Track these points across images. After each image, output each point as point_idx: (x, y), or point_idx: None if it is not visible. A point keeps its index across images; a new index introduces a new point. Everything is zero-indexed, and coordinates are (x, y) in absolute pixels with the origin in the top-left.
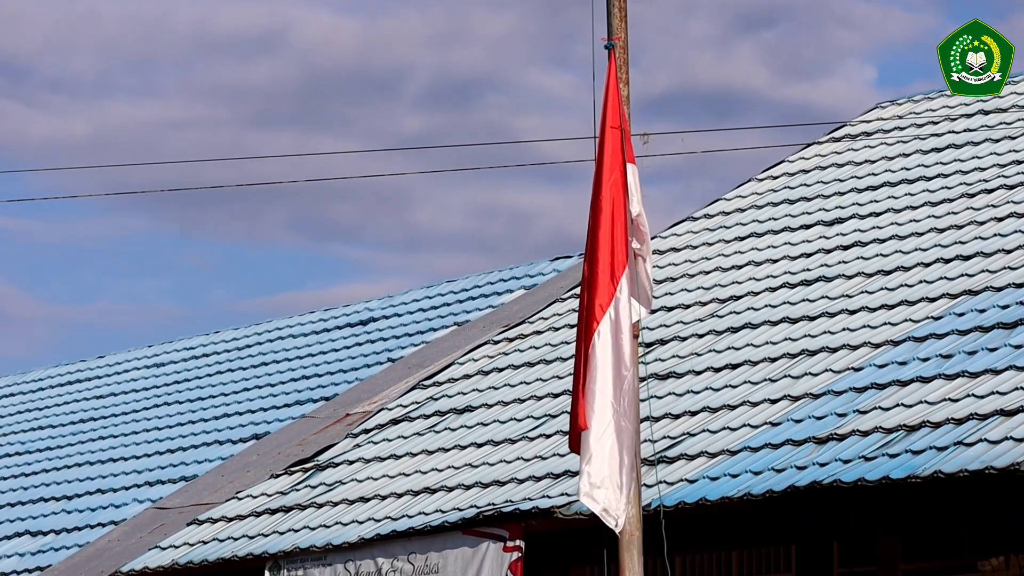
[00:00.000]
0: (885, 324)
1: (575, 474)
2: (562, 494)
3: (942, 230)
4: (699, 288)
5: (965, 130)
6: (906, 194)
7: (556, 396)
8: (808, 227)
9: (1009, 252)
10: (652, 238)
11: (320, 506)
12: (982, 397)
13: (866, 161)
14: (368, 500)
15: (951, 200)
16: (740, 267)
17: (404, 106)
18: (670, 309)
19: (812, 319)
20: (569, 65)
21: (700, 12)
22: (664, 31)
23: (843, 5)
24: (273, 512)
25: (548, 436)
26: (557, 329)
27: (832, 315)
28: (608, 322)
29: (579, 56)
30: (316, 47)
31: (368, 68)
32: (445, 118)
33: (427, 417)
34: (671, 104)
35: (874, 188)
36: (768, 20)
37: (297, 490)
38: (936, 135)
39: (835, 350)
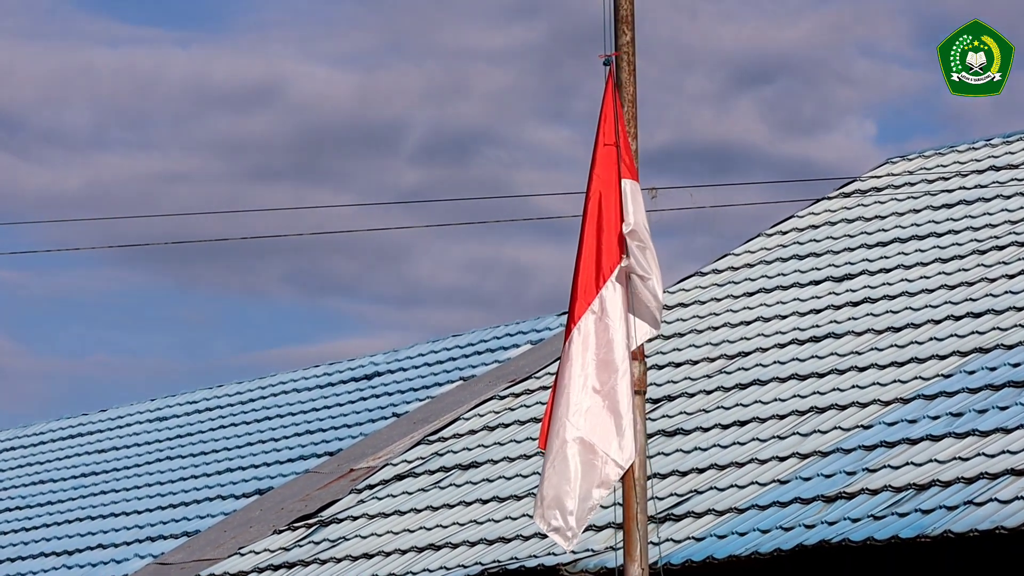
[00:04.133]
0: (895, 382)
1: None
2: (568, 551)
3: (953, 287)
4: (707, 344)
5: (976, 186)
6: (916, 250)
7: None
8: (817, 283)
9: (1020, 310)
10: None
11: (323, 562)
12: (993, 456)
13: (876, 217)
14: (372, 557)
15: (962, 256)
16: (748, 323)
17: (401, 160)
18: (678, 365)
19: (821, 376)
20: (567, 120)
21: (698, 68)
22: (662, 86)
23: (842, 61)
24: (276, 568)
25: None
26: None
27: (841, 372)
28: (577, 341)
29: (578, 111)
30: (312, 101)
31: (365, 122)
32: (443, 172)
33: (432, 473)
34: (670, 159)
35: (884, 244)
36: (766, 76)
37: (300, 546)
38: (947, 191)
39: (844, 407)
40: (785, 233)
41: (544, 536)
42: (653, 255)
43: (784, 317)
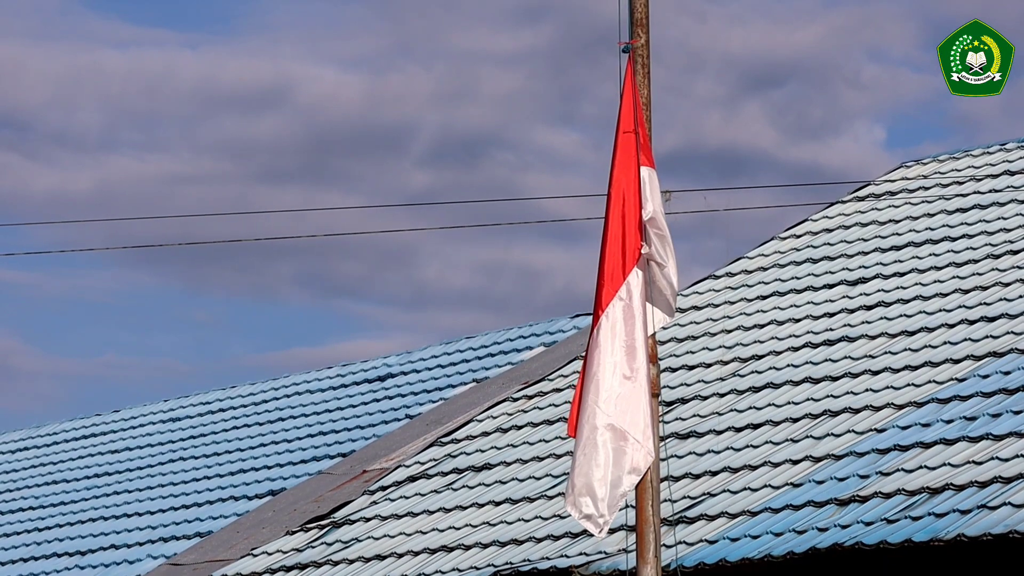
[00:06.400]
0: (908, 385)
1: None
2: (580, 553)
3: (967, 291)
4: (720, 347)
5: (991, 190)
6: (930, 254)
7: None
8: (831, 287)
9: None
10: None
11: (336, 563)
12: (1006, 460)
13: (890, 220)
14: (384, 558)
15: (976, 260)
16: (762, 326)
17: (410, 162)
18: (691, 368)
19: (835, 379)
20: (576, 123)
21: (707, 71)
22: (671, 90)
23: (851, 66)
24: (288, 569)
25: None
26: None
27: (855, 375)
28: (606, 328)
29: (586, 115)
30: (321, 103)
31: (374, 124)
32: (451, 175)
33: (445, 474)
34: (679, 163)
35: (898, 248)
36: (776, 80)
37: (313, 547)
38: (961, 195)
39: (858, 411)
40: (799, 237)
41: (556, 538)
42: (670, 243)
43: (798, 321)
